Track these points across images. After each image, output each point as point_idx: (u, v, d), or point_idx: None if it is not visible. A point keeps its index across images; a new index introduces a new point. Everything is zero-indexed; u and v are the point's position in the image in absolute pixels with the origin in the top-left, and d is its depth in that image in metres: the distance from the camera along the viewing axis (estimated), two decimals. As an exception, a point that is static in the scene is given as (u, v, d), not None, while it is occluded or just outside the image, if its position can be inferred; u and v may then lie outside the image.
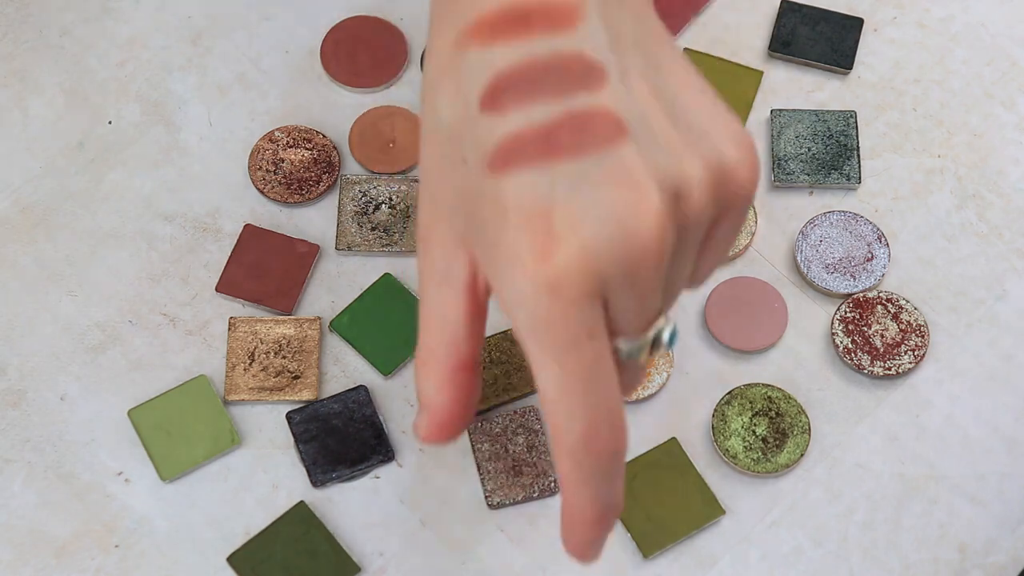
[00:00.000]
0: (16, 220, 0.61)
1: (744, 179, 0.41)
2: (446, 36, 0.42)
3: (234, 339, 0.59)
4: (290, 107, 0.64)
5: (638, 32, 0.42)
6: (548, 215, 0.39)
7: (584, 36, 0.40)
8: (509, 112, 0.40)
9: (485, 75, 0.40)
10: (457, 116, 0.41)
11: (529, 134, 0.39)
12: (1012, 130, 0.63)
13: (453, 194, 0.42)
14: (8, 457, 0.57)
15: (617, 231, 0.39)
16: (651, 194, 0.39)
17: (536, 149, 0.39)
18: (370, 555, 0.56)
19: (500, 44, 0.40)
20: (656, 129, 0.40)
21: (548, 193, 0.39)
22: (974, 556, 0.56)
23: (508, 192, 0.39)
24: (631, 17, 0.42)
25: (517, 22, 0.40)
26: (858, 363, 0.58)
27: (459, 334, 0.44)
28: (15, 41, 0.65)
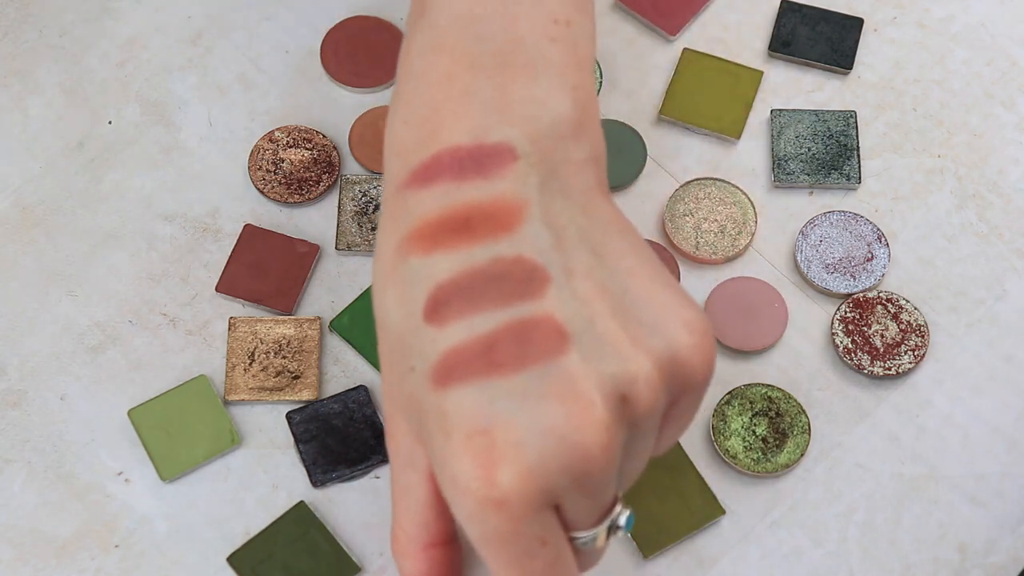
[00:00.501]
0: (16, 220, 0.61)
1: (697, 365, 0.41)
2: (391, 239, 0.42)
3: (234, 339, 0.59)
4: (290, 107, 0.64)
5: (584, 224, 0.42)
6: (490, 433, 0.38)
7: (525, 238, 0.40)
8: (450, 324, 0.39)
9: (427, 285, 0.40)
10: (403, 323, 0.41)
11: (470, 348, 0.39)
12: (1012, 130, 0.63)
13: (404, 398, 0.42)
14: (8, 457, 0.57)
15: (561, 446, 0.38)
16: (594, 405, 0.38)
17: (477, 364, 0.39)
18: (370, 555, 0.56)
19: (441, 252, 0.40)
20: (602, 330, 0.40)
21: (489, 410, 0.38)
22: (974, 556, 0.56)
23: (450, 407, 0.39)
24: (577, 208, 0.42)
25: (458, 228, 0.40)
26: (858, 363, 0.58)
27: (428, 515, 0.44)
28: (15, 41, 0.65)
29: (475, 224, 0.40)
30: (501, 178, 0.41)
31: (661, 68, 0.64)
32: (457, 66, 0.43)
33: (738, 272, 0.60)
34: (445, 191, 0.41)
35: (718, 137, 0.63)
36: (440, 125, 0.42)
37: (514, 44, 0.43)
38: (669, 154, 0.63)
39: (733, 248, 0.60)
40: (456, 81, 0.43)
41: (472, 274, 0.40)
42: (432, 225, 0.41)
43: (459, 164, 0.41)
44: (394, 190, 0.42)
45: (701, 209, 0.61)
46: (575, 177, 0.42)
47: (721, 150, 0.63)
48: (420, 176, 0.42)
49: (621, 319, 0.40)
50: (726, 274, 0.60)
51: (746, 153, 0.63)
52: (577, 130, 0.43)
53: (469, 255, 0.40)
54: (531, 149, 0.42)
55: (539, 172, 0.42)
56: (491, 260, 0.40)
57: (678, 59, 0.64)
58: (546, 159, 0.42)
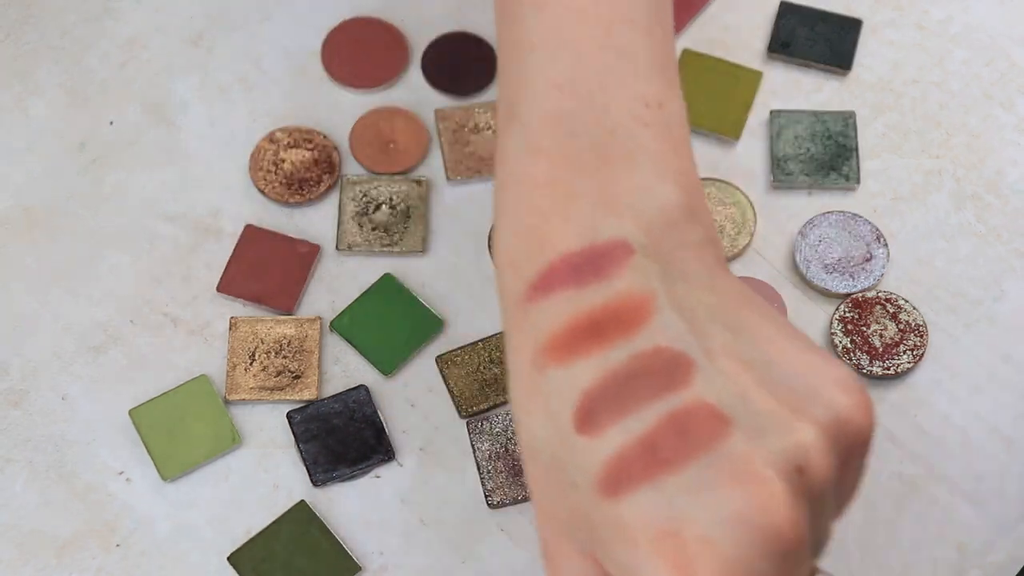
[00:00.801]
0: (18, 220, 0.61)
1: (862, 424, 0.39)
2: (523, 355, 0.40)
3: (235, 339, 0.59)
4: (291, 107, 0.64)
5: (713, 302, 0.41)
6: (677, 533, 0.37)
7: (659, 329, 0.39)
8: (606, 431, 0.38)
9: (572, 396, 0.39)
10: (554, 440, 0.39)
11: (632, 452, 0.38)
12: (1011, 131, 0.63)
13: (569, 515, 0.40)
14: (10, 457, 0.57)
15: (750, 531, 0.37)
16: (772, 482, 0.37)
17: (643, 466, 0.38)
18: (370, 554, 0.56)
19: (578, 360, 0.39)
20: (758, 405, 0.38)
21: (669, 510, 0.37)
22: (972, 556, 0.56)
23: (627, 515, 0.38)
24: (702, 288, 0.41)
25: (590, 334, 0.39)
26: (857, 363, 0.58)
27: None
28: (16, 42, 0.65)
29: (606, 326, 0.39)
30: (620, 276, 0.40)
31: (661, 69, 0.64)
32: (556, 168, 0.42)
33: (737, 272, 0.61)
34: (568, 299, 0.40)
35: (717, 137, 0.63)
36: (550, 232, 0.41)
37: (609, 134, 0.42)
38: (669, 155, 0.63)
39: (732, 248, 0.61)
40: (558, 184, 0.41)
41: (615, 376, 0.38)
42: (563, 335, 0.39)
43: (576, 269, 0.40)
44: (514, 305, 0.41)
45: (700, 209, 0.61)
46: (694, 260, 0.41)
47: (720, 150, 0.63)
48: (539, 288, 0.40)
49: (773, 390, 0.39)
50: (725, 274, 0.60)
51: (745, 153, 0.63)
52: (687, 215, 0.42)
53: (607, 357, 0.39)
54: (645, 240, 0.40)
55: (657, 261, 0.40)
56: (630, 358, 0.39)
57: (678, 59, 0.64)
58: (661, 247, 0.41)
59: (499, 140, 0.44)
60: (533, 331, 0.40)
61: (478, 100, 0.64)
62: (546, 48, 0.43)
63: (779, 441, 0.38)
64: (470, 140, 0.62)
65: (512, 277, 0.42)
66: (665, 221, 0.41)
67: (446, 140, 0.62)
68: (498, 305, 0.43)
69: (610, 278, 0.40)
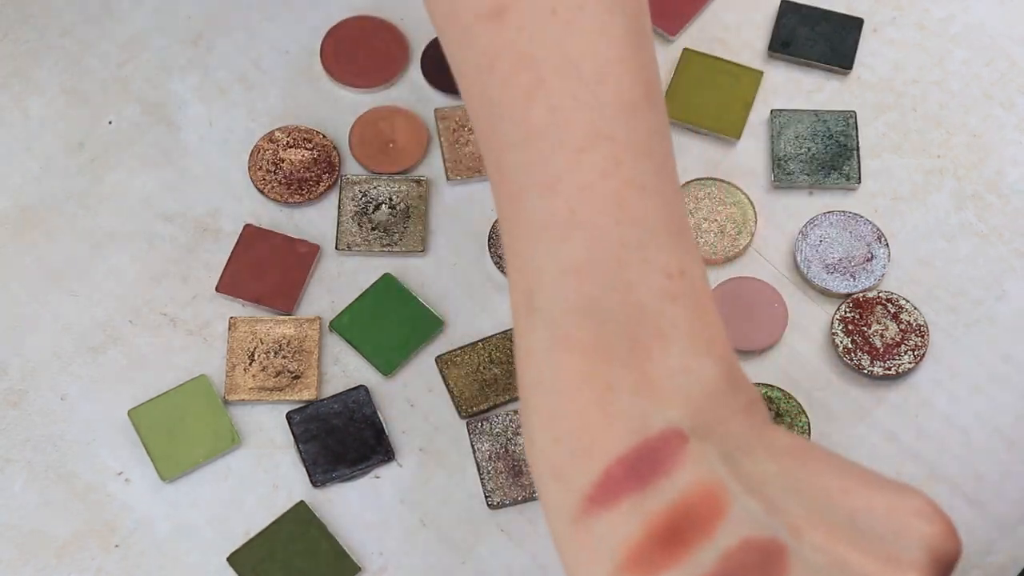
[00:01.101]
0: (16, 220, 0.61)
1: (951, 548, 0.39)
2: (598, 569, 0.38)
3: (234, 339, 0.59)
4: (290, 107, 0.64)
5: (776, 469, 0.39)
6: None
7: (740, 520, 0.38)
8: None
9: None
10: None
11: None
12: (1011, 131, 0.63)
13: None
14: (9, 457, 0.57)
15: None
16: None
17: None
18: (370, 555, 0.56)
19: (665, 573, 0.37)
20: (859, 569, 0.37)
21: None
22: (973, 556, 0.56)
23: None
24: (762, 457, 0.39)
25: (669, 540, 0.37)
26: (858, 363, 0.58)
27: None
28: (15, 41, 0.65)
29: (682, 527, 0.37)
30: (682, 467, 0.38)
31: (661, 68, 0.64)
32: (590, 362, 0.39)
33: (738, 272, 0.61)
34: (633, 505, 0.38)
35: (718, 137, 0.63)
36: (596, 435, 0.38)
37: (638, 315, 0.40)
38: (669, 154, 0.63)
39: (733, 248, 0.60)
40: (595, 380, 0.39)
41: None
42: (640, 547, 0.37)
43: (635, 471, 0.38)
44: (571, 518, 0.38)
45: (701, 209, 0.61)
46: (747, 428, 0.40)
47: (721, 150, 0.63)
48: (598, 499, 0.38)
49: (865, 546, 0.38)
50: (726, 274, 0.60)
51: (746, 153, 0.63)
52: (729, 384, 0.40)
53: (695, 563, 0.37)
54: (696, 423, 0.39)
55: (712, 441, 0.39)
56: (720, 559, 0.37)
57: (678, 59, 0.64)
58: (713, 425, 0.39)
59: (520, 335, 0.41)
60: (605, 548, 0.38)
61: (478, 100, 0.64)
62: (557, 229, 0.40)
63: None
64: (470, 140, 0.62)
65: (561, 489, 0.39)
66: (710, 396, 0.40)
67: (446, 140, 0.62)
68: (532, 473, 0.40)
69: (671, 473, 0.38)
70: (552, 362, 0.40)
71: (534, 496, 0.56)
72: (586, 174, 0.40)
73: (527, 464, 0.56)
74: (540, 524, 0.57)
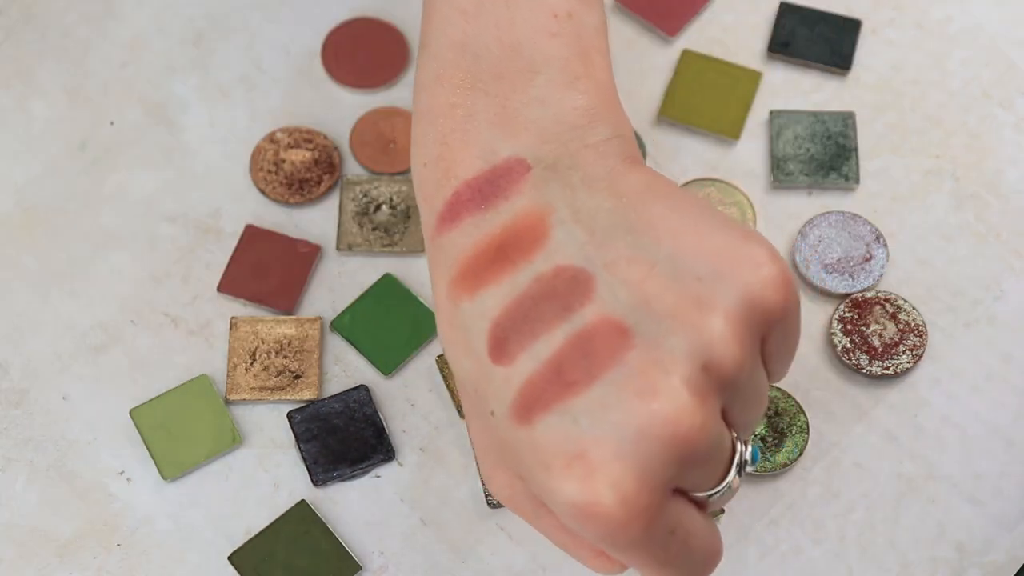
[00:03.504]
0: (18, 220, 0.62)
1: (773, 296, 0.39)
2: (440, 289, 0.41)
3: (235, 339, 0.59)
4: (291, 108, 0.64)
5: (613, 205, 0.40)
6: (585, 455, 0.37)
7: (557, 246, 0.39)
8: (517, 358, 0.38)
9: (483, 327, 0.39)
10: (474, 371, 0.40)
11: (541, 377, 0.38)
12: (1010, 131, 0.63)
13: (494, 444, 0.41)
14: (10, 456, 0.57)
15: (656, 443, 0.37)
16: (675, 390, 0.37)
17: (552, 390, 0.38)
18: (370, 554, 0.56)
19: (486, 289, 0.39)
20: (659, 308, 0.38)
21: (577, 432, 0.37)
22: (972, 555, 0.56)
23: (540, 440, 0.38)
24: (603, 192, 0.40)
25: (494, 259, 0.40)
26: (856, 363, 0.58)
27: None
28: (17, 42, 0.65)
29: (508, 248, 0.40)
30: (519, 193, 0.40)
31: (660, 69, 0.64)
32: (457, 93, 0.42)
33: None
34: (473, 225, 0.40)
35: (717, 138, 0.63)
36: (453, 160, 0.41)
37: (512, 51, 0.42)
38: (668, 155, 0.63)
39: (732, 248, 0.61)
40: (459, 109, 0.42)
41: (520, 302, 0.39)
42: (470, 264, 0.40)
43: (478, 194, 0.41)
44: (430, 237, 0.42)
45: (700, 209, 0.61)
46: (595, 162, 0.41)
47: (720, 151, 0.63)
48: (446, 218, 0.41)
49: (677, 287, 0.38)
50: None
51: (745, 154, 0.63)
52: (588, 116, 0.42)
53: (512, 283, 0.39)
54: (542, 152, 0.41)
55: (556, 172, 0.41)
56: (533, 280, 0.39)
57: (677, 60, 0.64)
58: (560, 156, 0.41)
59: (416, 72, 0.45)
60: (445, 262, 0.41)
61: (478, 100, 0.64)
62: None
63: (680, 343, 0.38)
64: (470, 140, 0.62)
65: (425, 210, 0.42)
66: (563, 128, 0.41)
67: (446, 140, 0.62)
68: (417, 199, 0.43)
69: (509, 198, 0.40)
70: (430, 94, 0.43)
71: (534, 495, 0.57)
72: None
73: None
74: (540, 523, 0.57)
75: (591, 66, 0.43)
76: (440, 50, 0.43)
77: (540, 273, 0.39)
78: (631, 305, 0.38)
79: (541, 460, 0.38)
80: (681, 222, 0.40)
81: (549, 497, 0.39)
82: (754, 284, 0.39)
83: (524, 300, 0.39)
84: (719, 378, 0.38)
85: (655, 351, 0.38)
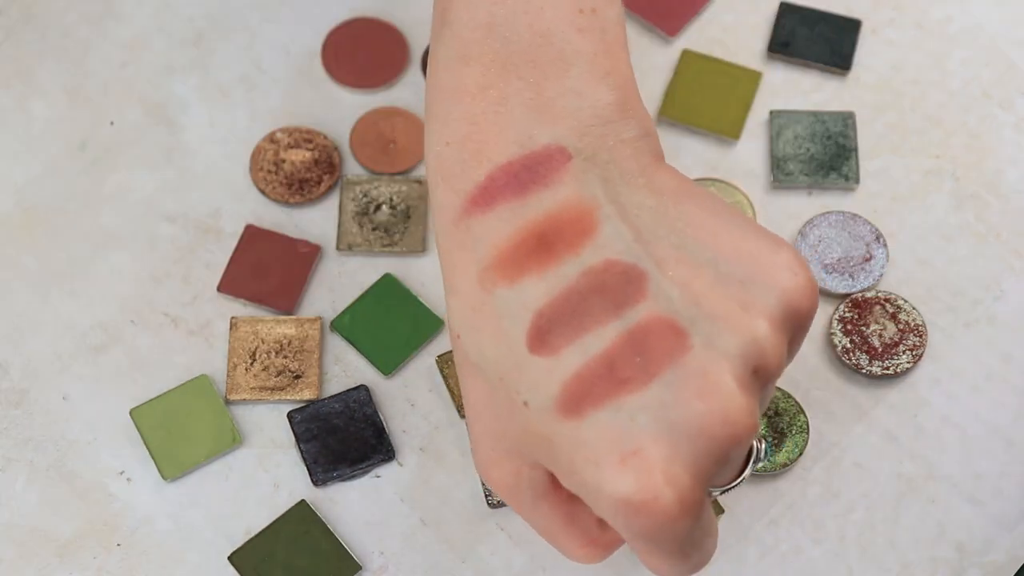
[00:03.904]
0: (18, 220, 0.62)
1: (805, 302, 0.40)
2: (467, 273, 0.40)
3: (235, 339, 0.59)
4: (291, 108, 0.64)
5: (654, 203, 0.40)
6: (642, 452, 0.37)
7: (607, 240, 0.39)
8: (562, 351, 0.38)
9: (525, 316, 0.39)
10: (504, 359, 0.39)
11: (592, 371, 0.38)
12: (1010, 131, 0.63)
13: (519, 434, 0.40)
14: (10, 456, 0.57)
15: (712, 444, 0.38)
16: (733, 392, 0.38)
17: (604, 385, 0.38)
18: (371, 554, 0.56)
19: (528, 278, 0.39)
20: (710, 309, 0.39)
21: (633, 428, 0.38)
22: (972, 555, 0.56)
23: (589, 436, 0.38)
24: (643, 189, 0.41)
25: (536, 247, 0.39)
26: (856, 363, 0.58)
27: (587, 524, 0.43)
28: (17, 42, 0.65)
29: (552, 238, 0.39)
30: (561, 182, 0.40)
31: (660, 69, 0.64)
32: (488, 74, 0.42)
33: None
34: (510, 211, 0.40)
35: (717, 138, 0.63)
36: (484, 142, 0.41)
37: (542, 40, 0.42)
38: (668, 154, 0.63)
39: (732, 248, 0.61)
40: (490, 90, 0.41)
41: (568, 294, 0.38)
42: (509, 251, 0.39)
43: (515, 179, 0.40)
44: (452, 219, 0.41)
45: (700, 209, 0.61)
46: (631, 158, 0.41)
47: (720, 151, 0.63)
48: (479, 201, 0.40)
49: (723, 288, 0.39)
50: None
51: (745, 154, 0.63)
52: (620, 112, 0.42)
53: (558, 274, 0.39)
54: (581, 144, 0.41)
55: (595, 164, 0.40)
56: (582, 273, 0.39)
57: (677, 60, 0.64)
58: (598, 149, 0.41)
59: (432, 48, 0.44)
60: (477, 247, 0.40)
61: (478, 100, 0.64)
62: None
63: (735, 345, 0.38)
64: (470, 140, 0.62)
65: (447, 191, 0.41)
66: (600, 122, 0.41)
67: (446, 140, 0.62)
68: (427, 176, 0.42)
69: (550, 186, 0.40)
70: (454, 71, 0.42)
71: (534, 495, 0.57)
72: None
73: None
74: (540, 523, 0.57)
75: (617, 61, 0.43)
76: (465, 30, 0.42)
77: (589, 267, 0.39)
78: (684, 305, 0.39)
79: (589, 455, 0.38)
80: (717, 224, 0.40)
81: (593, 491, 0.38)
82: (791, 290, 0.40)
83: (572, 293, 0.39)
84: (763, 378, 0.39)
85: (711, 352, 0.38)
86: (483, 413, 0.42)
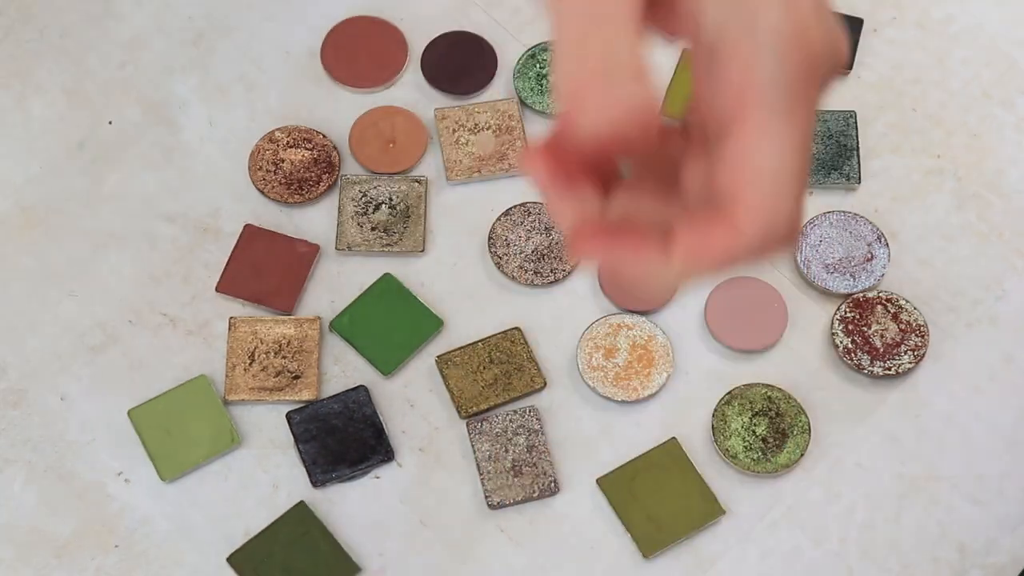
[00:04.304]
0: (17, 220, 0.61)
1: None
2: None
3: (234, 339, 0.59)
4: (290, 107, 0.64)
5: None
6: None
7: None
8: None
9: None
10: None
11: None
12: (1011, 130, 0.63)
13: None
14: (9, 457, 0.57)
15: None
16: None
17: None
18: (370, 555, 0.56)
19: None
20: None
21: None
22: (973, 556, 0.56)
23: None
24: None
25: None
26: (858, 363, 0.58)
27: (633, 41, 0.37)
28: (17, 42, 0.65)
29: None
30: None
31: (660, 69, 0.64)
32: None
33: (738, 273, 0.60)
34: None
35: (718, 137, 0.63)
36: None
37: None
38: (669, 154, 0.63)
39: (733, 248, 0.60)
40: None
41: None
42: None
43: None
44: None
45: (701, 209, 0.61)
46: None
47: (721, 150, 0.63)
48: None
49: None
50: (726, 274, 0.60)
51: (746, 153, 0.63)
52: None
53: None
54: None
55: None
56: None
57: (678, 60, 0.64)
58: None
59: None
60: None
61: (478, 100, 0.64)
62: None
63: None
64: (470, 140, 0.62)
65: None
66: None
67: (446, 140, 0.62)
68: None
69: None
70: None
71: (534, 496, 0.56)
72: None
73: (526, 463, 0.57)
74: (540, 524, 0.57)
75: None
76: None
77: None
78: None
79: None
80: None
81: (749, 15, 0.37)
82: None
83: None
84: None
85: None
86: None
